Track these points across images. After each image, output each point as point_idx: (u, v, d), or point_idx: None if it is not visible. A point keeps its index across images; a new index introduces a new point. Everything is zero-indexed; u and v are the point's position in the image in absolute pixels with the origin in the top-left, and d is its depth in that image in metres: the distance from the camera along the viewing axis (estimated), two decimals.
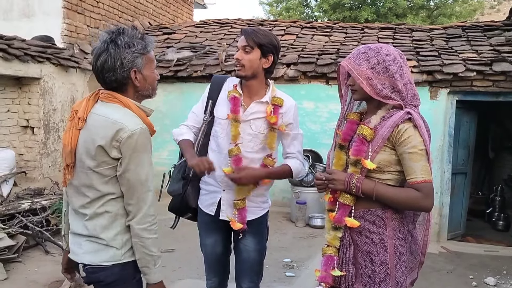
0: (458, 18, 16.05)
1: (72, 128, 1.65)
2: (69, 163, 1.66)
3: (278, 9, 18.16)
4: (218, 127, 2.33)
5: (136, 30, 1.66)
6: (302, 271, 4.22)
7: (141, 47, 1.65)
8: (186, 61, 6.89)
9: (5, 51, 5.27)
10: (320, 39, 7.49)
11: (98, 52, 1.63)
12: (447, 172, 5.65)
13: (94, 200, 1.65)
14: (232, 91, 2.31)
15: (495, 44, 6.23)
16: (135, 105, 1.67)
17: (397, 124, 1.78)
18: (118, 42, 1.61)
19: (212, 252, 2.46)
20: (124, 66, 1.62)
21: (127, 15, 8.68)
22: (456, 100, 5.65)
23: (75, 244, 1.72)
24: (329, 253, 1.92)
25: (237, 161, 2.26)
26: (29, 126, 5.98)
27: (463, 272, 4.49)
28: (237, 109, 2.27)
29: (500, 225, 6.73)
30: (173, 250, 4.53)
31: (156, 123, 8.03)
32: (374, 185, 1.81)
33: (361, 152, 1.82)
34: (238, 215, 2.31)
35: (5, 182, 5.26)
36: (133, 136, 1.58)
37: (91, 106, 1.66)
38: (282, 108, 2.30)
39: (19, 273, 3.92)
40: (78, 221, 1.71)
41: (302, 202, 5.75)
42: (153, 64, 1.74)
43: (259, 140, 2.30)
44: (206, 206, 2.41)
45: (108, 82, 1.66)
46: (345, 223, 1.87)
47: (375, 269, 1.86)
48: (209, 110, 2.37)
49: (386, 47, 1.89)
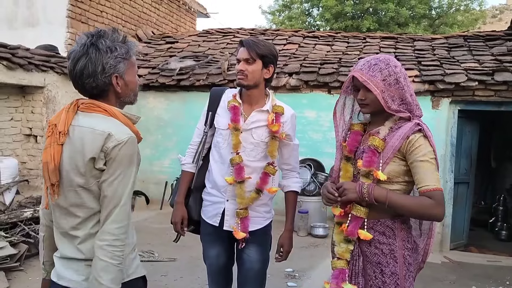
0: (460, 27, 16.11)
1: (53, 144, 1.51)
2: (54, 182, 1.52)
3: (281, 18, 18.24)
4: (220, 138, 2.35)
5: (117, 33, 1.56)
6: (304, 281, 4.20)
7: (124, 51, 1.54)
8: (189, 70, 6.93)
9: (9, 60, 5.31)
10: (322, 49, 7.52)
11: (76, 56, 1.51)
12: (449, 181, 5.64)
13: (86, 219, 1.52)
14: (232, 100, 2.33)
15: (497, 53, 6.25)
16: (120, 113, 1.56)
17: (408, 136, 1.79)
18: (99, 46, 1.50)
19: (216, 263, 2.45)
20: (105, 71, 1.51)
21: (131, 24, 8.74)
22: (458, 109, 5.66)
23: (69, 270, 1.56)
24: (341, 267, 1.90)
25: (239, 170, 2.28)
26: (32, 134, 6.01)
27: (466, 283, 4.46)
28: (237, 118, 2.29)
29: (503, 235, 6.70)
30: (175, 259, 4.52)
31: (159, 132, 8.04)
32: (387, 192, 1.80)
33: (373, 163, 1.82)
34: (240, 224, 2.31)
35: (8, 191, 5.27)
36: (119, 145, 1.47)
37: (71, 118, 1.53)
38: (283, 117, 2.34)
39: (21, 282, 3.91)
40: (68, 244, 1.56)
41: (304, 211, 5.73)
42: (135, 69, 1.64)
43: (261, 148, 2.33)
44: (209, 217, 2.41)
45: (87, 89, 1.54)
46: (358, 235, 1.86)
47: (385, 280, 1.84)
48: (209, 121, 2.40)
49: (393, 58, 1.90)
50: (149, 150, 7.02)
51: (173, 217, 2.44)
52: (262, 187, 2.33)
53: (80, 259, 1.54)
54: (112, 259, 1.44)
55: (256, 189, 2.32)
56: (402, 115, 1.83)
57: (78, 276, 1.54)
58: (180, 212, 2.43)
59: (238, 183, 2.29)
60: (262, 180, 2.33)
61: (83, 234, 1.53)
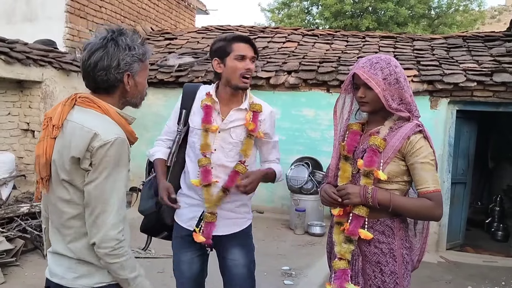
0: (459, 27, 16.14)
1: (47, 137, 1.50)
2: (44, 176, 1.51)
3: (280, 16, 18.22)
4: (195, 138, 2.22)
5: (137, 35, 1.59)
6: (300, 279, 4.20)
7: (141, 52, 1.57)
8: (188, 66, 6.91)
9: (7, 55, 5.29)
10: (322, 47, 7.51)
11: (94, 48, 1.51)
12: (446, 181, 5.65)
13: (75, 216, 1.50)
14: (205, 99, 2.21)
15: (495, 54, 6.25)
16: (114, 112, 1.54)
17: (409, 136, 1.80)
18: (119, 42, 1.51)
19: (188, 270, 2.29)
20: (120, 67, 1.52)
21: (130, 20, 8.71)
22: (456, 110, 5.67)
23: (61, 267, 1.56)
24: (344, 267, 1.89)
25: (205, 172, 2.15)
26: (30, 129, 5.99)
27: (462, 283, 4.47)
28: (209, 118, 2.17)
29: (499, 235, 6.72)
30: (171, 256, 4.51)
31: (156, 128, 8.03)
32: (390, 195, 1.80)
33: (374, 163, 1.82)
34: (204, 228, 2.18)
35: (5, 185, 5.25)
36: (105, 146, 1.43)
37: (67, 112, 1.52)
38: (261, 115, 2.23)
39: (17, 277, 3.90)
40: (61, 242, 1.55)
41: (301, 210, 5.73)
42: (147, 72, 1.65)
43: (240, 148, 2.21)
44: (184, 220, 2.26)
45: (98, 81, 1.53)
46: (359, 235, 1.86)
47: (385, 279, 1.85)
48: (183, 119, 2.27)
49: (393, 58, 1.91)
50: (146, 146, 6.98)
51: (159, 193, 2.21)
52: (229, 185, 2.17)
53: (73, 258, 1.53)
54: (121, 257, 1.47)
55: (222, 187, 2.18)
56: (403, 114, 1.83)
57: (70, 273, 1.53)
58: (163, 185, 2.20)
59: (204, 186, 2.16)
60: (230, 179, 2.17)
61: (72, 232, 1.52)
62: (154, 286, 1.64)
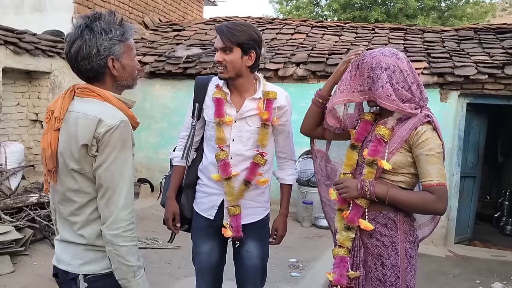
0: (469, 20, 15.94)
1: (50, 130, 1.53)
2: (51, 168, 1.54)
3: (288, 8, 18.12)
4: (212, 131, 2.20)
5: (113, 16, 1.54)
6: (307, 272, 4.21)
7: (119, 33, 1.52)
8: (196, 58, 6.89)
9: (16, 45, 5.30)
10: (330, 39, 7.45)
11: (71, 39, 1.50)
12: (455, 175, 5.61)
13: (84, 205, 1.53)
14: (215, 92, 2.18)
15: (507, 47, 6.15)
16: (114, 98, 1.55)
17: (416, 127, 1.77)
18: (93, 28, 1.48)
19: (207, 260, 2.30)
20: (100, 53, 1.49)
21: (137, 11, 8.69)
22: (466, 103, 5.60)
23: (68, 254, 1.58)
24: (342, 254, 1.90)
25: (224, 166, 2.14)
26: (38, 120, 6.02)
27: (470, 277, 4.45)
28: (221, 112, 2.14)
29: (508, 230, 6.68)
30: (179, 247, 4.52)
31: (164, 120, 8.01)
32: (387, 188, 1.78)
33: (378, 152, 1.80)
34: (232, 222, 2.18)
35: (14, 176, 5.29)
36: (110, 130, 1.45)
37: (68, 103, 1.53)
38: (276, 102, 2.19)
39: (26, 267, 3.94)
40: (69, 230, 1.58)
41: (308, 202, 5.73)
42: (133, 52, 1.61)
43: (257, 136, 2.18)
44: (204, 210, 2.27)
45: (83, 72, 1.53)
46: (358, 224, 1.86)
47: (386, 272, 1.84)
48: (196, 113, 2.25)
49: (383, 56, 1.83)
50: (154, 137, 7.01)
51: (164, 213, 2.32)
52: (250, 178, 2.18)
53: (80, 244, 1.55)
54: (131, 241, 1.49)
55: (244, 180, 2.18)
56: (414, 111, 1.80)
57: (76, 260, 1.56)
58: (171, 207, 2.31)
59: (225, 179, 2.15)
60: (250, 171, 2.18)
61: (81, 220, 1.54)
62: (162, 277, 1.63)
